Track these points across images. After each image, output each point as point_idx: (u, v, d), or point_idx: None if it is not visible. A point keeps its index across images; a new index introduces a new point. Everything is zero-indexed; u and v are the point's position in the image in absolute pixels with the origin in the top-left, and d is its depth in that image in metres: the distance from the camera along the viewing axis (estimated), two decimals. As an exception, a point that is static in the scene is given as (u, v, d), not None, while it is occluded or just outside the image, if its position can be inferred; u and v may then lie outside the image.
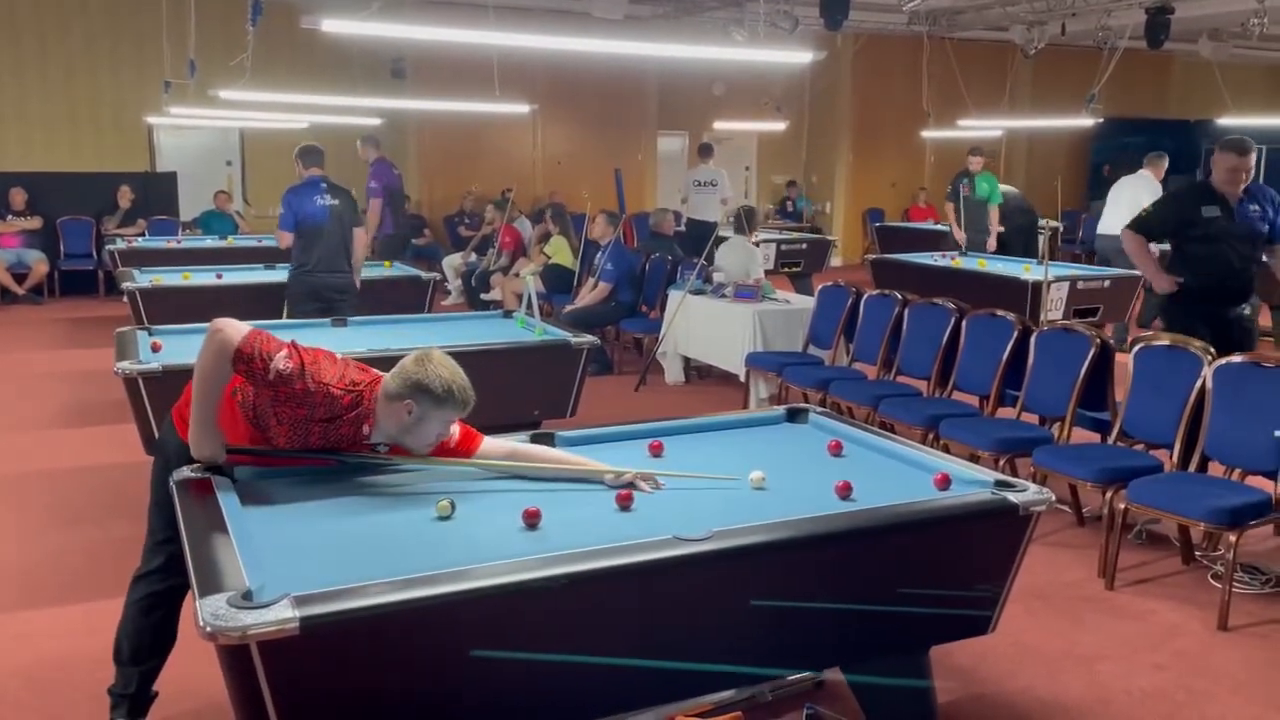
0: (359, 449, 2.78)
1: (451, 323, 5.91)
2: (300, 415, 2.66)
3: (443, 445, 2.82)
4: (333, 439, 2.72)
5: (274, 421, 2.70)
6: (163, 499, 2.77)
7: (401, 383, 2.65)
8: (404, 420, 2.67)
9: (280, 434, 2.71)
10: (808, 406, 3.65)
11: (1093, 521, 4.66)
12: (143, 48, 11.60)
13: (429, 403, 2.64)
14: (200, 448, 2.71)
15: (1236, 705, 3.22)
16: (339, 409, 2.67)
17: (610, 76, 13.01)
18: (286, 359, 2.60)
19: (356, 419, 2.70)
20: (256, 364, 2.59)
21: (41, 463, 5.51)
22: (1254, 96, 16.12)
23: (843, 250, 14.83)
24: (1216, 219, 4.94)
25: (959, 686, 3.26)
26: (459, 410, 2.69)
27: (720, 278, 7.54)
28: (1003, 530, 2.67)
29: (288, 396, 2.63)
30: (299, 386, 2.61)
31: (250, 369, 2.60)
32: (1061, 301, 7.95)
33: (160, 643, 2.89)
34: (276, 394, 2.63)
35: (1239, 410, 4.12)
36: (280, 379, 2.59)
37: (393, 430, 2.72)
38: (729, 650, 2.46)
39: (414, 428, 2.68)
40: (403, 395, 2.64)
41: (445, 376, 2.65)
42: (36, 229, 11.43)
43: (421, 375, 2.63)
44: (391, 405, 2.67)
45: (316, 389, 2.62)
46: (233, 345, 2.59)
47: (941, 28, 12.04)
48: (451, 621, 2.07)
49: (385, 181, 9.32)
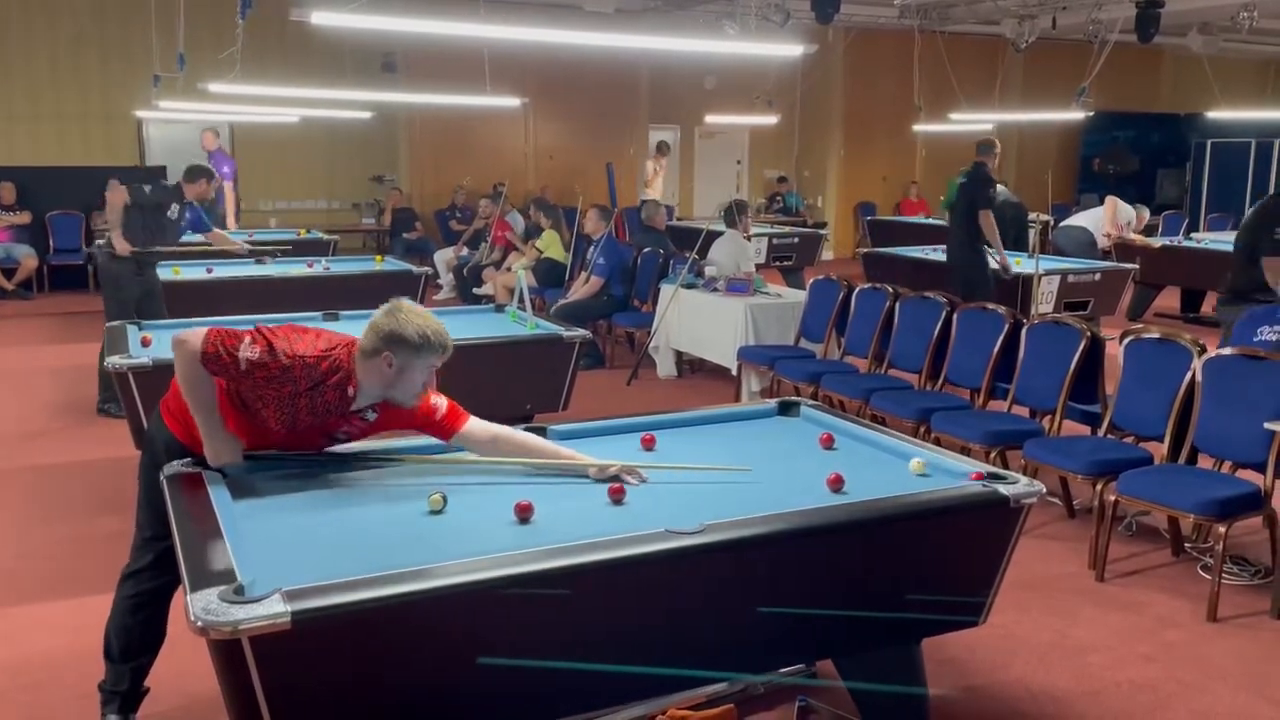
0: (348, 419, 2.77)
1: (444, 317, 5.83)
2: (285, 393, 2.65)
3: (429, 417, 2.83)
4: (320, 410, 2.70)
5: (260, 405, 2.70)
6: (150, 495, 2.77)
7: (376, 336, 2.65)
8: (386, 374, 2.66)
9: (269, 416, 2.70)
10: (799, 400, 3.65)
11: (1083, 514, 4.67)
12: (131, 41, 11.55)
13: (407, 351, 2.64)
14: (218, 457, 2.71)
15: (1225, 696, 3.24)
16: (319, 375, 2.65)
17: (602, 70, 12.99)
18: (251, 345, 2.60)
19: (339, 383, 2.68)
20: (225, 359, 2.60)
21: (29, 458, 5.49)
22: (1243, 90, 16.17)
23: (834, 244, 14.84)
24: None
25: (950, 678, 3.27)
26: (438, 354, 2.69)
27: (712, 271, 7.54)
28: (993, 522, 2.67)
29: (267, 379, 2.62)
30: (274, 366, 2.60)
31: (221, 366, 2.61)
32: (1052, 295, 7.96)
33: (150, 639, 2.88)
34: (255, 380, 2.63)
35: (1229, 403, 4.14)
36: (253, 366, 2.59)
37: (377, 387, 2.71)
38: (721, 643, 2.46)
39: (397, 380, 2.68)
40: (379, 349, 2.64)
41: (419, 323, 2.66)
42: (25, 224, 11.38)
43: (395, 325, 2.64)
44: (370, 361, 2.66)
45: (292, 362, 2.62)
46: (197, 351, 2.60)
47: (932, 21, 12.05)
48: (443, 615, 2.07)
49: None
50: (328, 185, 13.73)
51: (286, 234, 10.72)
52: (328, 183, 13.71)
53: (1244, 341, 4.62)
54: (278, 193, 13.35)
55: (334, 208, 13.76)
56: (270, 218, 13.04)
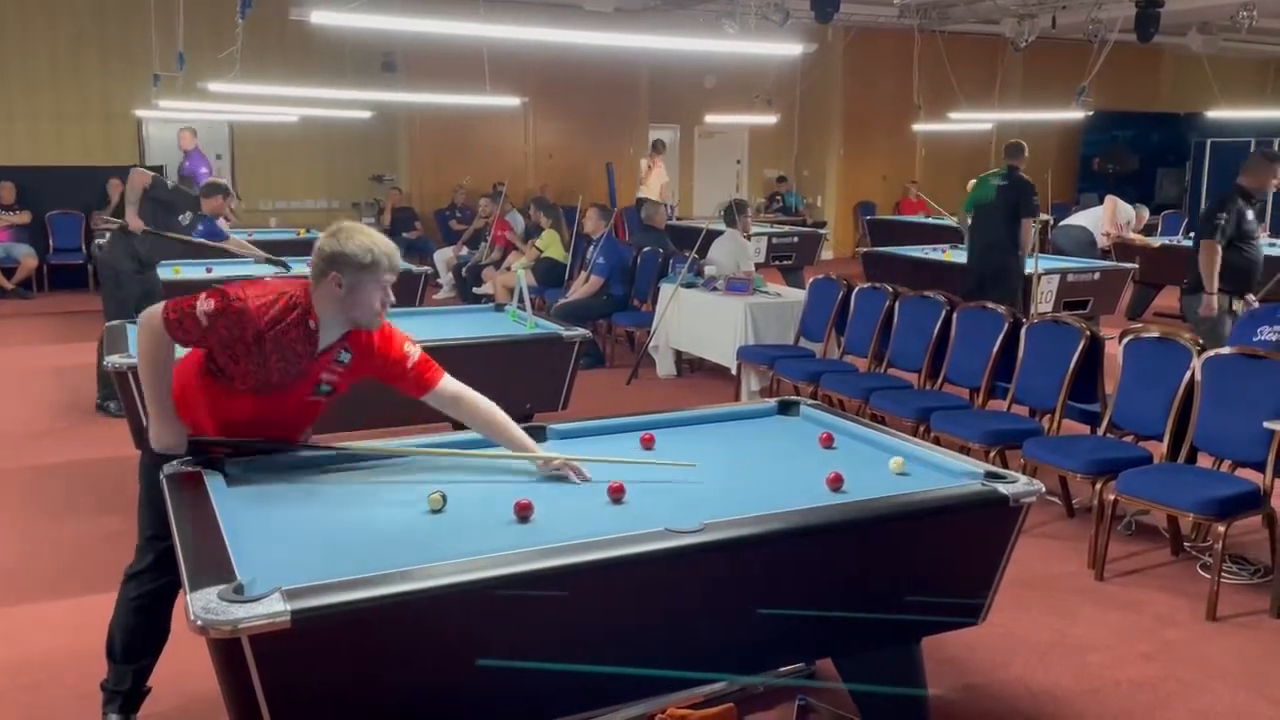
0: (320, 361, 2.75)
1: (443, 316, 5.91)
2: (249, 339, 2.64)
3: (401, 365, 2.85)
4: (290, 354, 2.69)
5: (232, 364, 2.69)
6: (151, 494, 2.76)
7: (320, 259, 2.66)
8: (338, 295, 2.66)
9: (244, 374, 2.69)
10: (799, 399, 3.65)
11: (1082, 513, 4.68)
12: (131, 40, 11.54)
13: (353, 269, 2.63)
14: (160, 438, 2.72)
15: (1225, 695, 3.24)
16: (277, 312, 2.65)
17: (601, 70, 12.99)
18: (206, 299, 2.62)
19: (300, 319, 2.68)
20: (188, 321, 2.62)
21: (30, 457, 5.49)
22: (1243, 89, 16.17)
23: (834, 243, 14.84)
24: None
25: (950, 677, 3.27)
26: (387, 269, 2.68)
27: (711, 271, 7.54)
28: (993, 521, 2.67)
29: (229, 328, 2.62)
30: (231, 310, 2.61)
31: (185, 330, 2.63)
32: (1052, 294, 7.97)
33: (153, 640, 2.88)
34: (220, 334, 2.63)
35: (1228, 402, 4.14)
36: (212, 317, 2.61)
37: (334, 313, 2.70)
38: (720, 641, 2.47)
39: (351, 300, 2.67)
40: (325, 270, 2.65)
41: (360, 239, 2.66)
42: (25, 223, 11.38)
43: (335, 245, 2.65)
44: (321, 286, 2.67)
45: (249, 300, 2.64)
46: (159, 319, 2.64)
47: (932, 21, 12.04)
48: (442, 614, 2.07)
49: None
50: (327, 185, 13.73)
51: (286, 233, 10.73)
52: (327, 182, 13.71)
53: (1244, 341, 4.63)
54: (277, 192, 13.36)
55: (334, 207, 13.75)
56: (270, 217, 13.04)
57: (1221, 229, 5.64)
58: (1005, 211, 7.33)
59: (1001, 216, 7.35)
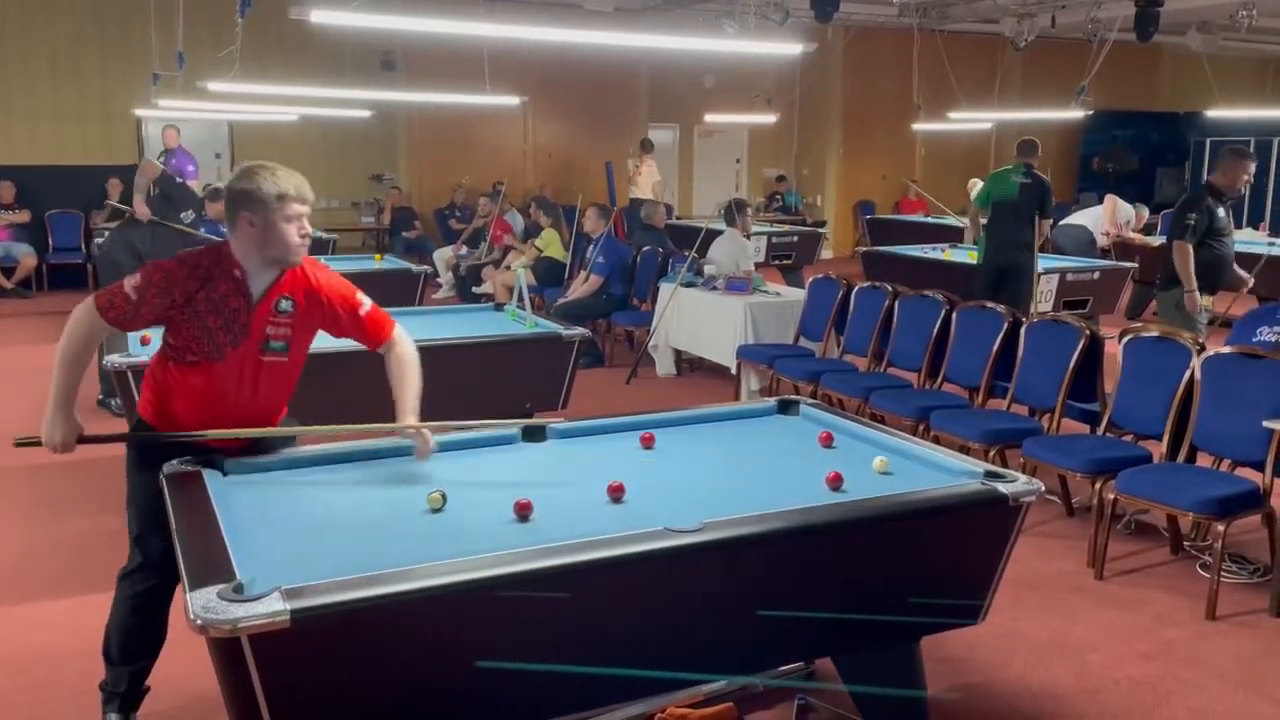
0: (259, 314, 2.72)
1: (443, 316, 5.91)
2: (179, 303, 2.63)
3: (354, 314, 2.87)
4: (226, 311, 2.67)
5: (176, 336, 2.69)
6: (135, 493, 2.76)
7: (228, 204, 2.67)
8: (253, 235, 2.65)
9: (186, 345, 2.68)
10: (799, 398, 3.65)
11: (1082, 512, 4.68)
12: (130, 39, 11.54)
13: (261, 205, 2.63)
14: (52, 433, 2.72)
15: (1224, 694, 3.24)
16: (201, 271, 2.65)
17: (601, 69, 12.99)
18: (131, 277, 2.64)
19: (225, 271, 2.67)
20: (118, 300, 2.62)
21: (30, 456, 5.46)
22: (1242, 89, 16.17)
23: (833, 243, 14.84)
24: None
25: (949, 676, 3.27)
26: (295, 199, 2.66)
27: (711, 270, 7.54)
28: (993, 521, 2.67)
29: (159, 295, 2.62)
30: (156, 276, 2.62)
31: (116, 307, 2.62)
32: (1051, 293, 7.97)
33: (150, 641, 2.87)
34: (154, 307, 2.63)
35: (1228, 401, 4.14)
36: (141, 289, 2.61)
37: (256, 257, 2.68)
38: (720, 640, 2.47)
39: (267, 238, 2.65)
40: (236, 213, 2.65)
41: (264, 174, 2.66)
42: (25, 222, 11.38)
43: (240, 185, 2.65)
44: (237, 232, 2.67)
45: (171, 263, 2.65)
46: (90, 304, 2.64)
47: (932, 20, 12.04)
48: (442, 614, 2.07)
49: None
50: (327, 184, 13.70)
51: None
52: (327, 181, 13.68)
53: (1243, 341, 4.63)
54: (277, 191, 13.33)
55: (333, 206, 13.75)
56: (269, 216, 13.01)
57: (1193, 228, 5.65)
58: (1028, 209, 7.25)
59: (1025, 214, 7.26)
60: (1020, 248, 7.28)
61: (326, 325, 2.88)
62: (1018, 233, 7.28)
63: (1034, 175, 7.32)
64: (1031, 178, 7.31)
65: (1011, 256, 7.29)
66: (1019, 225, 7.28)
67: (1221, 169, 5.87)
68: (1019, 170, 7.37)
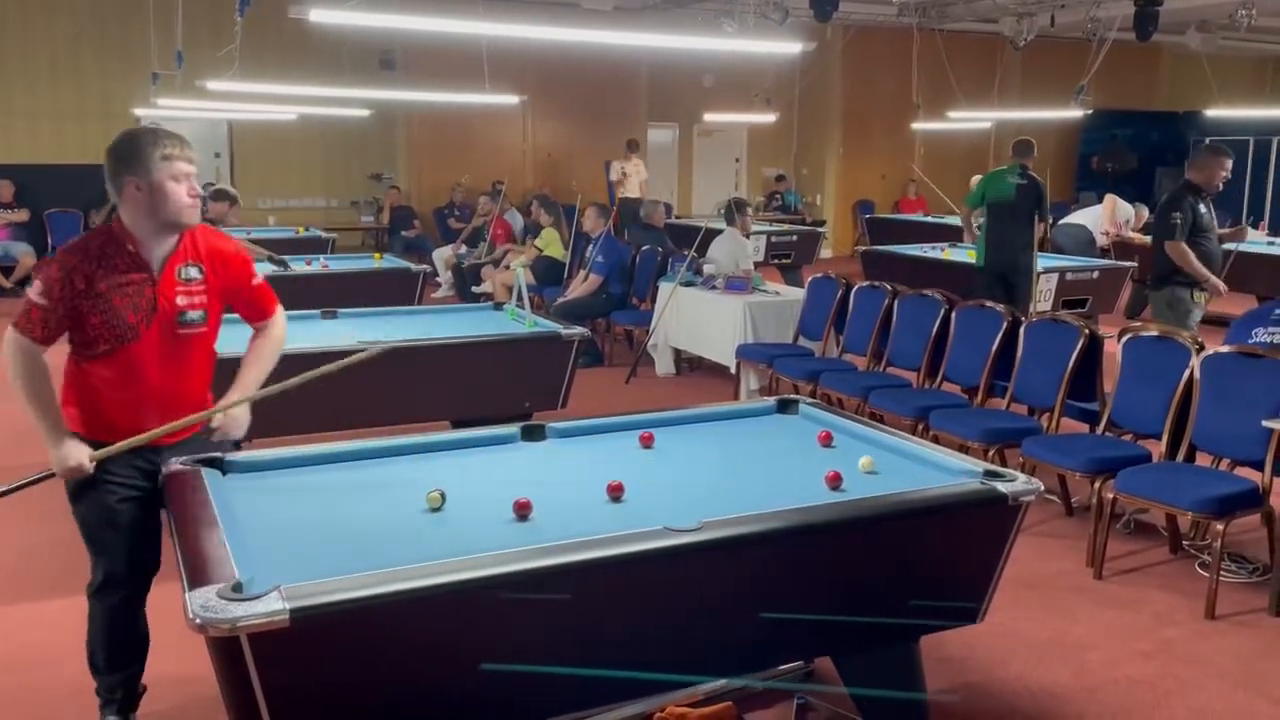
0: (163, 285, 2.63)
1: (442, 315, 5.91)
2: (81, 289, 2.54)
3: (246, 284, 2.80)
4: (130, 290, 2.59)
5: (82, 332, 2.60)
6: (80, 511, 2.70)
7: (112, 174, 2.59)
8: (140, 199, 2.56)
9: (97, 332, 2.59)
10: (798, 398, 3.66)
11: (1081, 511, 4.68)
12: (129, 38, 11.54)
13: (144, 167, 2.54)
14: (62, 459, 2.59)
15: (1223, 693, 3.24)
16: (95, 248, 2.57)
17: (600, 68, 12.99)
18: (33, 284, 2.58)
19: (119, 246, 2.59)
20: (34, 312, 2.55)
21: (30, 455, 5.47)
22: (1242, 88, 16.17)
23: (833, 242, 14.84)
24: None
25: (949, 675, 3.27)
26: (179, 157, 2.57)
27: (710, 270, 7.54)
28: (992, 520, 2.67)
29: (63, 287, 2.54)
30: (53, 269, 2.56)
31: (33, 319, 2.55)
32: (1050, 293, 7.97)
33: (132, 648, 2.83)
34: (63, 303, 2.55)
35: (1227, 400, 4.14)
36: (45, 291, 2.54)
37: (148, 224, 2.59)
38: (719, 640, 2.47)
39: (156, 200, 2.56)
40: (120, 179, 2.57)
41: (143, 136, 2.58)
42: (24, 221, 11.38)
43: (120, 151, 2.58)
44: (125, 201, 2.59)
45: (60, 253, 2.59)
46: (11, 330, 2.56)
47: (931, 19, 12.04)
48: (441, 612, 2.07)
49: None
50: (326, 183, 13.73)
51: (285, 232, 10.72)
52: (326, 181, 13.71)
53: (1239, 341, 4.63)
54: (276, 191, 13.34)
55: (332, 205, 13.76)
56: (269, 215, 13.03)
57: (1179, 227, 5.65)
58: (1025, 210, 7.27)
59: (1023, 214, 7.28)
60: (1020, 248, 7.28)
61: (228, 294, 2.80)
62: (1016, 233, 7.28)
63: (1029, 176, 7.34)
64: (1027, 178, 7.32)
65: (1012, 257, 7.29)
66: (1017, 226, 7.29)
67: (1199, 166, 5.86)
68: (1014, 171, 7.38)
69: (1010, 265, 7.27)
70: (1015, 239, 7.28)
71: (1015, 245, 7.28)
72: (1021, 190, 7.29)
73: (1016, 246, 7.28)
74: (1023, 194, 7.28)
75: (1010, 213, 7.31)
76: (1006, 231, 7.32)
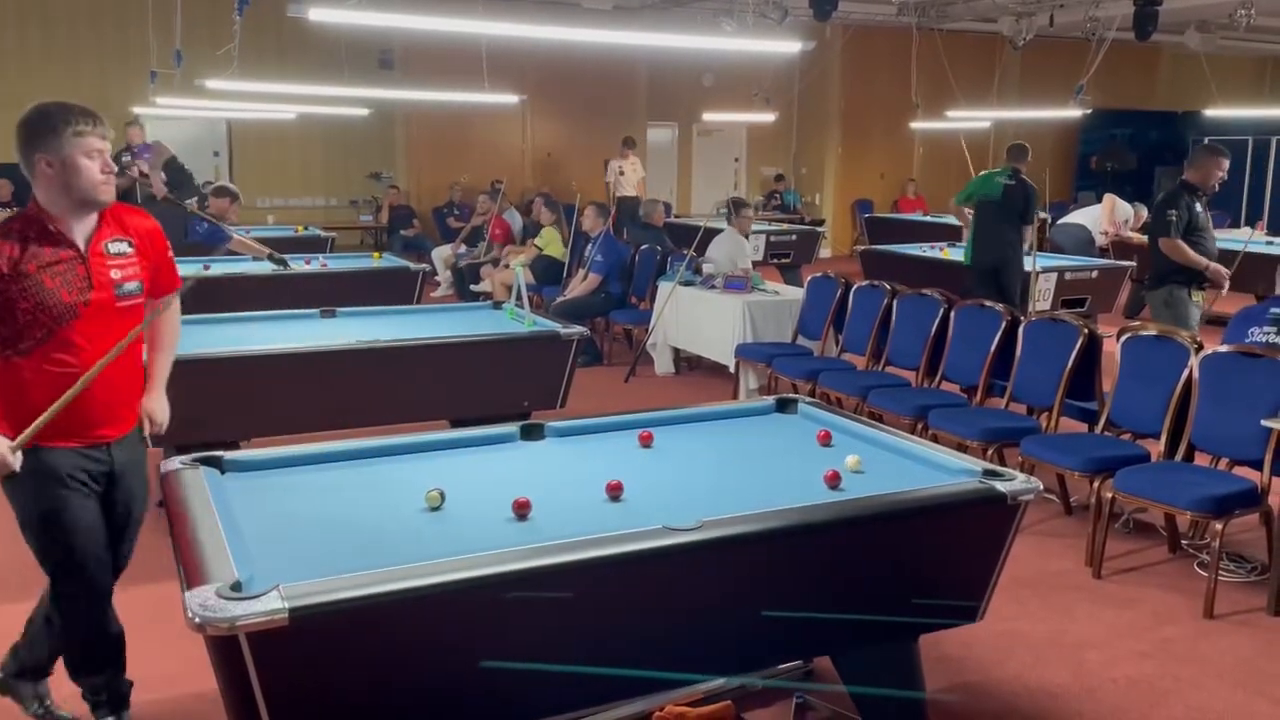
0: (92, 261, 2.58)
1: (441, 314, 5.91)
2: (6, 273, 2.49)
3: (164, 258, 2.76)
4: (59, 270, 2.53)
5: (14, 320, 2.51)
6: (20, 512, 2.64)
7: (21, 153, 2.55)
8: (52, 177, 2.51)
9: (25, 317, 2.50)
10: (797, 397, 3.66)
11: (1080, 511, 4.68)
12: (128, 37, 11.52)
13: (53, 143, 2.49)
14: None
15: (1222, 692, 3.24)
16: (15, 231, 2.53)
17: (599, 68, 12.98)
18: None
19: (40, 227, 2.54)
20: None
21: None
22: (1241, 88, 16.18)
23: (832, 241, 14.84)
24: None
25: (947, 674, 3.27)
26: (91, 133, 2.52)
27: (709, 269, 7.54)
28: (991, 519, 2.68)
29: None
30: None
31: None
32: (1049, 292, 7.97)
33: (109, 644, 2.79)
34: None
35: (1226, 400, 4.14)
36: None
37: (64, 202, 2.54)
38: (719, 639, 2.47)
39: (69, 177, 2.51)
40: (31, 158, 2.52)
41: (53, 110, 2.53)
42: (22, 220, 11.35)
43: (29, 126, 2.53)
44: (38, 180, 2.54)
45: None
46: None
47: (930, 19, 12.03)
48: (441, 612, 2.07)
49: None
50: (325, 182, 13.72)
51: (284, 231, 10.71)
52: (325, 180, 13.70)
53: (1237, 340, 4.63)
54: (275, 190, 13.34)
55: (331, 205, 13.75)
56: (268, 215, 13.02)
57: (1175, 225, 5.65)
58: (1010, 211, 7.38)
59: (1006, 215, 7.40)
60: (1005, 245, 7.40)
61: (154, 269, 2.76)
62: (1001, 231, 7.40)
63: (1019, 179, 7.46)
64: (1016, 180, 7.45)
65: (998, 254, 7.40)
66: (1002, 224, 7.41)
67: (1196, 166, 5.87)
68: (1005, 173, 7.53)
69: (998, 261, 7.37)
70: (1000, 236, 7.40)
71: (1000, 242, 7.40)
72: (1009, 190, 7.41)
73: (1001, 244, 7.40)
74: (1010, 195, 7.40)
75: (996, 211, 7.44)
76: (992, 229, 7.45)
